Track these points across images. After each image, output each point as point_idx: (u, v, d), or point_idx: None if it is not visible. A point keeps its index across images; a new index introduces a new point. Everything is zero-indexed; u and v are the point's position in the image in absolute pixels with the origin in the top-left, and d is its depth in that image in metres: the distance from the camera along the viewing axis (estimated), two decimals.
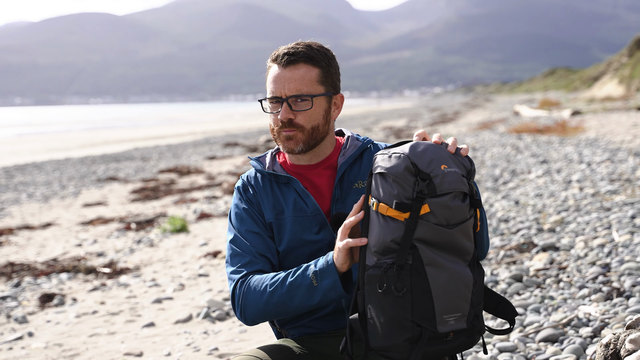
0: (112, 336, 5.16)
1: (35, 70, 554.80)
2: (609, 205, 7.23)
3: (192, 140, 30.42)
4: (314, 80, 2.38)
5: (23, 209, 12.29)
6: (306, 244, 2.42)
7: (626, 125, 17.38)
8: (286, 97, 2.37)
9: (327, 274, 2.18)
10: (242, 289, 2.32)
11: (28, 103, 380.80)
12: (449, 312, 2.01)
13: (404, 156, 2.04)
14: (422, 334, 1.99)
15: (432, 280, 1.99)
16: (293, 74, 2.37)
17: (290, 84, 2.37)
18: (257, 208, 2.47)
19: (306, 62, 2.38)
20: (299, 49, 2.39)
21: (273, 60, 2.41)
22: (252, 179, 2.53)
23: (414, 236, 2.00)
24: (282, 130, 2.39)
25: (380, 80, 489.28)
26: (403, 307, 1.99)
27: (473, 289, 2.06)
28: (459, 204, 2.03)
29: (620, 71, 46.90)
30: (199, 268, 7.04)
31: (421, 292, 1.99)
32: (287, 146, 2.41)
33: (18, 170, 19.19)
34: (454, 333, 2.03)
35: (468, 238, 2.07)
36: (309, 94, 2.37)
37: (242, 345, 4.68)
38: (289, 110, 2.37)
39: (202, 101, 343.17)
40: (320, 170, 2.49)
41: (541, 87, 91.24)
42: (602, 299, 4.39)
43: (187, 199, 12.14)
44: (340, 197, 2.44)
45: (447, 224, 2.02)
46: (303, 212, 2.43)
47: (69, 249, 8.50)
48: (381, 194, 2.05)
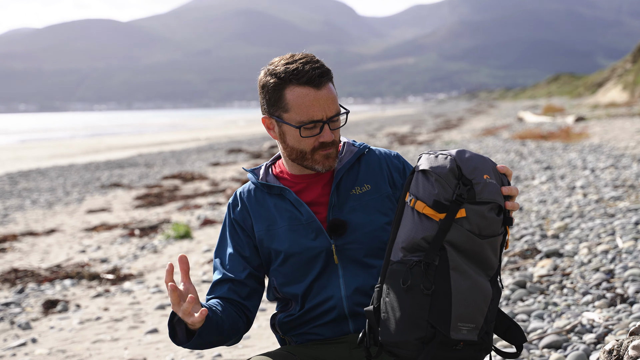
0: (116, 342, 5.16)
1: (39, 77, 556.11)
2: (612, 212, 7.22)
3: (196, 147, 30.45)
4: (336, 96, 2.39)
5: (27, 215, 12.31)
6: (303, 251, 2.42)
7: (630, 131, 17.37)
8: (327, 118, 2.34)
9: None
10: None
11: (32, 109, 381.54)
12: (463, 320, 2.01)
13: (450, 158, 2.07)
14: (435, 335, 2.00)
15: (454, 285, 2.01)
16: (328, 94, 2.34)
17: (329, 105, 2.34)
18: (242, 225, 2.50)
19: (329, 79, 2.37)
20: (324, 68, 2.34)
21: (301, 82, 2.31)
22: (245, 193, 2.54)
23: (445, 238, 2.01)
24: (322, 150, 2.37)
25: (384, 87, 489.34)
26: (421, 306, 2.00)
27: (490, 304, 2.07)
28: (494, 216, 2.05)
29: (624, 77, 46.84)
30: (203, 274, 7.04)
31: (442, 294, 2.00)
32: (328, 164, 2.40)
33: (22, 177, 19.22)
34: (464, 344, 2.03)
35: (494, 253, 2.08)
36: (343, 111, 2.39)
37: (246, 352, 4.68)
38: (330, 131, 2.36)
39: (206, 107, 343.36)
40: (318, 178, 2.49)
41: (545, 93, 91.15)
42: (606, 305, 4.38)
43: (191, 205, 12.15)
44: (337, 204, 2.44)
45: (479, 234, 2.03)
46: (297, 221, 2.43)
47: (72, 255, 8.51)
48: (420, 191, 2.07)
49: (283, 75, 2.32)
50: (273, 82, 2.35)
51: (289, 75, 2.32)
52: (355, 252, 2.42)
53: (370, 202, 2.46)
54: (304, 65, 2.32)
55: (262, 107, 2.45)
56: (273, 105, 2.38)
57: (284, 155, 2.47)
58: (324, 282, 2.42)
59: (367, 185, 2.47)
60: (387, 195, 2.48)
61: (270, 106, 2.39)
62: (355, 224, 2.42)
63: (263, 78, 2.39)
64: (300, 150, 2.38)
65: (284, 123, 2.37)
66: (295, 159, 2.42)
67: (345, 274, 2.42)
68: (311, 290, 2.44)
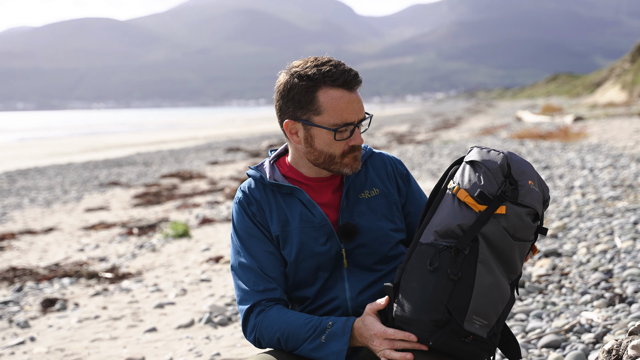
0: (114, 341, 5.16)
1: (37, 75, 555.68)
2: (611, 211, 7.22)
3: (195, 145, 30.43)
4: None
5: (25, 213, 12.30)
6: (314, 256, 2.39)
7: (629, 131, 17.38)
8: (358, 121, 2.32)
9: (339, 339, 2.20)
10: (257, 320, 2.35)
11: (30, 108, 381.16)
12: (479, 314, 2.05)
13: (503, 155, 2.13)
14: (450, 321, 2.04)
15: (478, 278, 2.05)
16: (358, 97, 2.33)
17: (360, 107, 2.32)
18: (263, 222, 2.42)
19: (360, 82, 2.34)
20: (354, 71, 2.32)
21: (337, 84, 2.26)
22: (254, 191, 2.45)
23: (480, 229, 2.05)
24: (351, 154, 2.34)
25: (383, 86, 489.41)
26: (443, 290, 2.04)
27: (505, 307, 2.10)
28: (530, 222, 2.09)
29: (623, 77, 46.88)
30: (201, 273, 7.03)
31: (465, 284, 2.04)
32: (355, 167, 2.37)
33: (20, 175, 19.20)
34: (474, 338, 2.06)
35: (521, 258, 2.12)
36: (369, 115, 2.37)
37: (244, 351, 4.68)
38: (360, 134, 2.35)
39: (205, 106, 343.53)
40: (330, 180, 2.46)
41: (544, 92, 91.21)
42: (605, 305, 4.39)
43: (189, 204, 12.15)
44: (346, 207, 2.42)
45: (513, 234, 2.07)
46: (310, 223, 2.39)
47: (71, 254, 8.50)
48: (465, 180, 2.12)
49: (317, 77, 2.27)
50: (304, 84, 2.28)
51: (323, 77, 2.27)
52: (363, 256, 2.41)
53: (378, 207, 2.45)
54: (336, 67, 2.29)
55: (283, 110, 2.36)
56: (302, 108, 2.30)
57: (308, 159, 2.38)
58: (331, 284, 2.42)
59: (375, 190, 2.46)
60: (395, 202, 2.48)
61: (299, 109, 2.31)
62: (364, 229, 2.41)
63: (289, 80, 2.31)
64: (329, 154, 2.33)
65: (315, 126, 2.30)
66: (322, 163, 2.35)
67: (350, 277, 2.41)
68: (318, 295, 2.43)
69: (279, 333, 2.29)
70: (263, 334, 2.33)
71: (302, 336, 2.25)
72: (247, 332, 2.38)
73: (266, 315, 2.33)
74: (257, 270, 2.38)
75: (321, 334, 2.22)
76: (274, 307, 2.34)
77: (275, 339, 2.30)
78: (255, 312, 2.35)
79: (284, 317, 2.30)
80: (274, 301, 2.37)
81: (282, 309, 2.34)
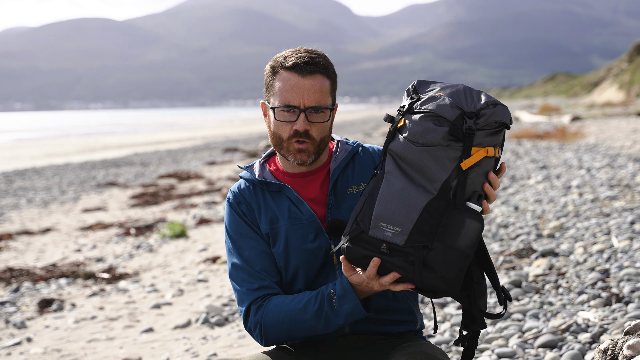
0: (111, 341, 5.15)
1: (35, 76, 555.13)
2: (608, 211, 7.23)
3: (192, 146, 30.43)
4: (327, 92, 2.38)
5: (22, 214, 12.29)
6: (302, 252, 2.40)
7: (626, 130, 17.40)
8: (305, 107, 2.34)
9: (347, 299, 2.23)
10: (257, 317, 2.35)
11: (28, 108, 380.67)
12: (384, 221, 2.10)
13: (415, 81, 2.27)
14: (358, 232, 2.14)
15: (382, 187, 2.14)
16: (312, 85, 2.34)
17: (310, 94, 2.34)
18: (253, 221, 2.45)
19: (322, 72, 2.37)
20: (316, 59, 2.36)
21: (287, 67, 2.35)
22: (243, 191, 2.49)
23: (388, 147, 2.16)
24: (294, 141, 2.36)
25: (381, 86, 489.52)
26: (355, 208, 2.19)
27: (427, 216, 2.08)
28: (431, 125, 2.10)
29: (620, 77, 46.95)
30: (198, 273, 7.03)
31: (373, 196, 2.15)
32: (300, 158, 2.38)
33: (18, 176, 19.19)
34: (389, 248, 2.09)
35: (439, 164, 2.09)
36: (326, 106, 2.37)
37: (241, 351, 4.68)
38: (306, 121, 2.35)
39: (202, 106, 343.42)
40: (313, 176, 2.48)
41: (541, 92, 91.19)
42: (601, 304, 4.39)
43: (187, 204, 12.15)
44: (334, 204, 2.43)
45: (417, 142, 2.11)
46: (298, 220, 2.41)
47: (68, 254, 8.50)
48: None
49: (279, 61, 2.39)
50: (270, 69, 2.41)
51: (283, 62, 2.37)
52: None
53: None
54: (298, 53, 2.38)
55: (263, 95, 2.50)
56: (267, 90, 2.43)
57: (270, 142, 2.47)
58: (321, 281, 2.42)
59: (363, 184, 2.47)
60: None
61: (266, 91, 2.43)
62: None
63: (266, 67, 2.45)
64: (278, 136, 2.39)
65: (270, 107, 2.40)
66: (275, 146, 2.43)
67: (342, 273, 2.40)
68: (309, 290, 2.43)
69: (285, 324, 2.30)
70: (268, 328, 2.33)
71: (308, 317, 2.28)
72: (251, 331, 2.39)
73: (266, 311, 2.34)
74: (250, 269, 2.40)
75: (330, 302, 2.26)
76: (271, 300, 2.35)
77: (283, 331, 2.32)
78: (253, 311, 2.36)
79: (283, 307, 2.32)
80: (269, 296, 2.38)
81: (278, 300, 2.35)
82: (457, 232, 2.06)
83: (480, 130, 2.09)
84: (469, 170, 2.08)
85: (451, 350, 4.10)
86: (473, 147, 2.08)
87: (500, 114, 2.11)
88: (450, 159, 2.08)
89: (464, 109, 2.10)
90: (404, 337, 2.46)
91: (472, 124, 2.08)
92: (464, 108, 2.10)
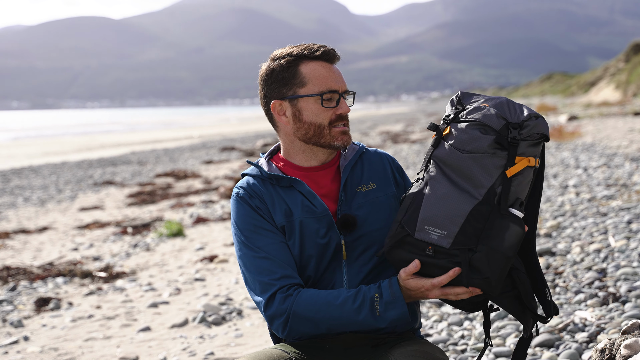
0: (108, 340, 5.15)
1: (32, 74, 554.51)
2: (605, 211, 7.24)
3: (189, 145, 30.41)
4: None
5: (19, 212, 12.27)
6: (314, 247, 2.39)
7: (623, 130, 17.42)
8: (343, 91, 2.42)
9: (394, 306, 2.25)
10: (287, 304, 2.30)
11: (25, 107, 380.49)
12: (430, 224, 2.16)
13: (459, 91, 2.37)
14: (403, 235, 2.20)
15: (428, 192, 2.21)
16: (339, 71, 2.44)
17: (341, 79, 2.43)
18: (267, 215, 2.42)
19: (339, 59, 2.47)
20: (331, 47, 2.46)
21: (318, 56, 2.38)
22: (254, 185, 2.45)
23: (432, 153, 2.25)
24: (338, 125, 2.40)
25: (378, 85, 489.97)
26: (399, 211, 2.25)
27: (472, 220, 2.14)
28: (477, 134, 2.19)
29: (617, 76, 47.01)
30: (195, 272, 7.03)
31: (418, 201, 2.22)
32: (345, 140, 2.43)
33: (14, 174, 19.16)
34: (435, 250, 2.15)
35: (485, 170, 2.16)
36: (351, 92, 2.47)
37: (238, 350, 4.68)
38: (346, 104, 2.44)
39: (199, 105, 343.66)
40: (323, 172, 2.48)
41: (538, 92, 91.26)
42: (598, 304, 4.39)
43: (184, 203, 12.14)
44: (345, 200, 2.44)
45: (462, 149, 2.19)
46: (312, 213, 2.39)
47: (65, 253, 8.49)
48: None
49: (296, 53, 2.38)
50: (285, 62, 2.38)
51: (302, 51, 2.38)
52: (362, 248, 2.42)
53: (376, 200, 2.47)
54: (314, 44, 2.42)
55: (268, 95, 2.43)
56: (286, 85, 2.39)
57: (299, 137, 2.42)
58: (328, 276, 2.42)
59: (372, 184, 2.49)
60: (393, 195, 2.51)
61: (282, 86, 2.39)
62: (363, 221, 2.43)
63: (270, 64, 2.42)
64: (318, 125, 2.38)
65: (302, 97, 2.37)
66: (312, 137, 2.39)
67: (348, 269, 2.41)
68: (315, 286, 2.43)
69: (317, 317, 2.28)
70: (296, 319, 2.29)
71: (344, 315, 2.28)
72: (272, 319, 2.32)
73: (297, 301, 2.29)
74: (271, 260, 2.36)
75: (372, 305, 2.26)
76: (302, 292, 2.31)
77: (311, 323, 2.29)
78: (279, 299, 2.31)
79: (318, 300, 2.29)
80: (296, 286, 2.34)
81: (311, 292, 2.32)
82: (502, 236, 2.13)
83: (524, 141, 2.18)
84: (512, 177, 2.17)
85: (449, 349, 4.10)
86: (517, 156, 2.17)
87: (541, 126, 2.22)
88: (496, 166, 2.17)
89: (508, 119, 2.19)
90: (403, 336, 2.46)
91: (516, 134, 2.17)
92: (508, 119, 2.20)
